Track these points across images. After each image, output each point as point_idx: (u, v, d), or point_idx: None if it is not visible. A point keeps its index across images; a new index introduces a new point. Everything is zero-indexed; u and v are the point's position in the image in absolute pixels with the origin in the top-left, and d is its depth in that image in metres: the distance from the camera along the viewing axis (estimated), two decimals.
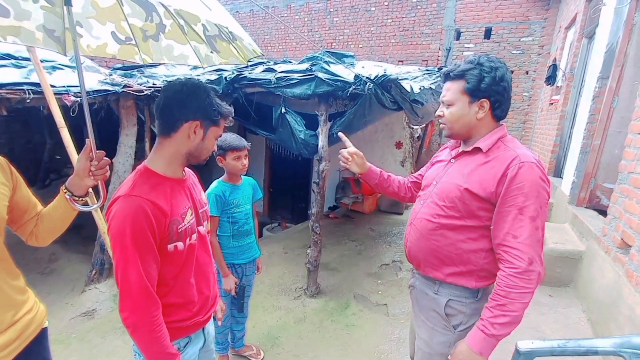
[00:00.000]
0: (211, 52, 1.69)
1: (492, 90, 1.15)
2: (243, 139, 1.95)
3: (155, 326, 1.03)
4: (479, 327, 1.12)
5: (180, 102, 1.07)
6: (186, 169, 1.22)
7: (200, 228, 1.22)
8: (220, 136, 1.19)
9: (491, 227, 1.16)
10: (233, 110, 1.18)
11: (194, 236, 1.17)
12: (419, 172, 1.60)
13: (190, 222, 1.15)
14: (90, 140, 1.14)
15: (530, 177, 1.08)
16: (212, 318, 1.37)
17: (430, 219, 1.26)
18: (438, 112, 1.27)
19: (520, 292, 1.07)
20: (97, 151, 1.15)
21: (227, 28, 1.41)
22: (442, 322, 1.27)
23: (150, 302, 1.03)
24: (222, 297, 1.78)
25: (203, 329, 1.29)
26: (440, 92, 1.27)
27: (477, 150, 1.20)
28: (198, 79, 1.26)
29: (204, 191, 1.38)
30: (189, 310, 1.18)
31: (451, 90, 1.21)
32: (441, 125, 1.29)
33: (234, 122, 4.06)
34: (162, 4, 1.53)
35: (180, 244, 1.10)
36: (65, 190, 1.14)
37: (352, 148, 1.53)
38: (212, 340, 1.42)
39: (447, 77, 1.23)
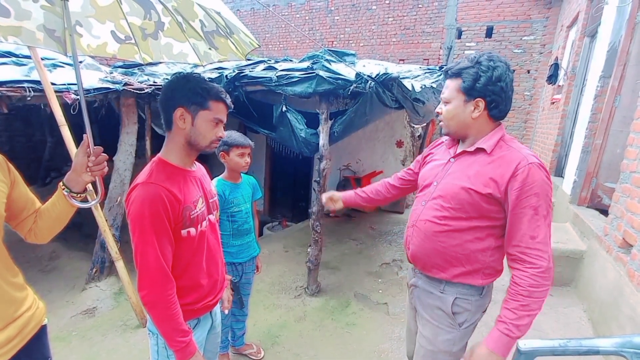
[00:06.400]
0: (210, 48, 1.69)
1: (487, 90, 1.14)
2: (248, 138, 1.98)
3: (170, 303, 1.11)
4: (503, 332, 1.10)
5: (167, 96, 1.15)
6: (196, 162, 1.29)
7: (211, 216, 1.30)
8: (221, 120, 1.19)
9: (506, 228, 1.16)
10: (223, 91, 1.18)
11: (205, 223, 1.24)
12: (409, 167, 1.62)
13: (202, 209, 1.22)
14: (88, 136, 1.14)
15: (539, 178, 1.09)
16: (218, 303, 1.43)
17: (435, 221, 1.24)
18: (437, 109, 1.28)
19: (543, 290, 1.09)
20: (95, 147, 1.15)
21: (219, 13, 1.41)
22: (448, 320, 1.27)
23: (166, 280, 1.10)
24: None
25: (210, 312, 1.35)
26: (441, 91, 1.28)
27: (480, 150, 1.19)
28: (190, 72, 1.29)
29: None
30: (199, 293, 1.25)
31: (449, 88, 1.21)
32: (440, 123, 1.29)
33: (235, 120, 4.04)
34: (160, 1, 1.52)
35: (192, 230, 1.18)
36: (63, 187, 1.13)
37: (327, 194, 1.70)
38: (219, 323, 1.47)
39: (447, 74, 1.23)
